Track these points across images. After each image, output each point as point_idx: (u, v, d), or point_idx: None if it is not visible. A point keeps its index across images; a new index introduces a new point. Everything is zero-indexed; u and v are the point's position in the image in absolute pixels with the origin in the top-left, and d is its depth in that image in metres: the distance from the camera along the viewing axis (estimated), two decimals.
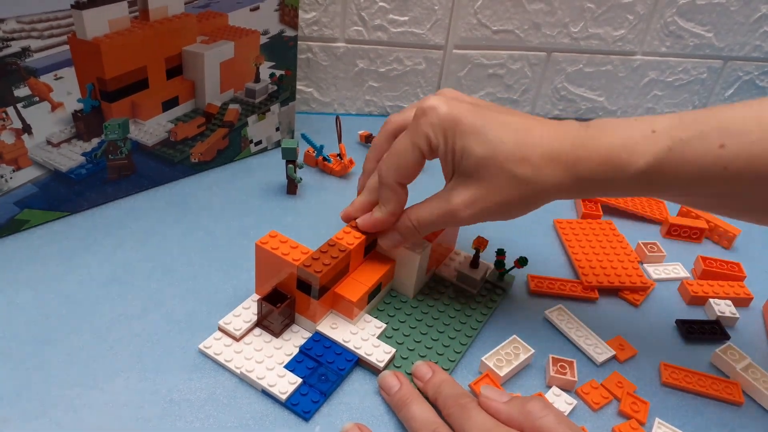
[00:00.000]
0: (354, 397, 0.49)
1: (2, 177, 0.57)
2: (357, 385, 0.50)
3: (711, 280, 0.66)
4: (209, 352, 0.50)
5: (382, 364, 0.50)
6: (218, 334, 0.52)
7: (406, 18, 0.84)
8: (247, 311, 0.53)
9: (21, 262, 0.57)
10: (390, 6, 0.83)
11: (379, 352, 0.51)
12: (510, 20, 0.86)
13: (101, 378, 0.47)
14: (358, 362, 0.51)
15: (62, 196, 0.62)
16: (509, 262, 0.61)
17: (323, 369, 0.50)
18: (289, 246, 0.51)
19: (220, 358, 0.50)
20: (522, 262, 0.59)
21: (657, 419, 0.50)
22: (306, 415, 0.46)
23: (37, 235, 0.61)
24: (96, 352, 0.49)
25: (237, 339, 0.51)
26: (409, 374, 0.50)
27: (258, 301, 0.52)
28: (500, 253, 0.60)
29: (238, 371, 0.49)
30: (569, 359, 0.53)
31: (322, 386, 0.48)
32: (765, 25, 0.94)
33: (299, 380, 0.48)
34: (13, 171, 0.58)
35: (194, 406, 0.46)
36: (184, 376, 0.49)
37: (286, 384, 0.48)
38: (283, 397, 0.47)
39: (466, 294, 0.59)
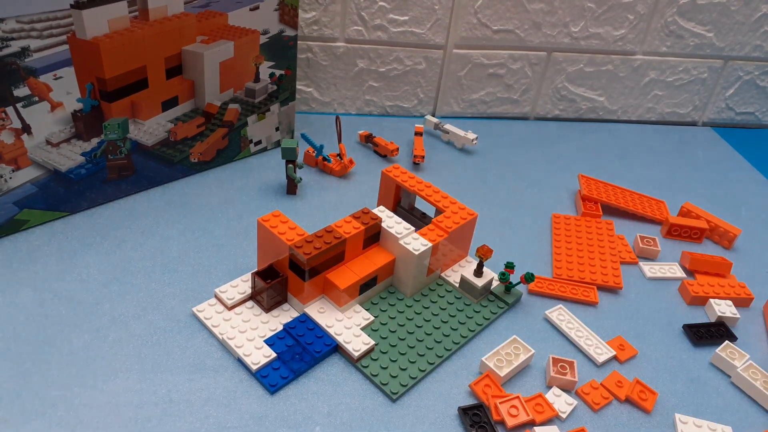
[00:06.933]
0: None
1: (2, 177, 0.57)
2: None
3: (701, 268, 0.67)
4: (201, 315, 0.53)
5: (357, 354, 0.51)
6: (213, 300, 0.54)
7: (406, 18, 0.84)
8: (244, 284, 0.55)
9: (21, 262, 0.57)
10: (390, 6, 0.82)
11: (357, 342, 0.51)
12: (510, 20, 0.86)
13: (101, 378, 0.47)
14: (337, 349, 0.52)
15: (62, 196, 0.62)
16: (515, 272, 0.60)
17: (300, 348, 0.51)
18: (287, 227, 0.52)
19: (209, 323, 0.52)
20: (528, 278, 0.59)
21: (677, 415, 0.50)
22: (271, 389, 0.48)
23: (36, 235, 0.61)
24: (96, 352, 0.49)
25: (228, 308, 0.53)
26: (385, 368, 0.51)
27: (252, 275, 0.53)
28: (509, 266, 0.59)
29: (220, 337, 0.51)
30: (569, 359, 0.53)
31: (295, 365, 0.50)
32: (765, 24, 0.94)
33: (274, 355, 0.50)
34: (13, 171, 0.58)
35: (194, 406, 0.46)
36: (184, 376, 0.48)
37: (260, 356, 0.50)
38: (254, 367, 0.49)
39: (465, 301, 0.59)
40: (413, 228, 0.57)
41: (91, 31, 0.56)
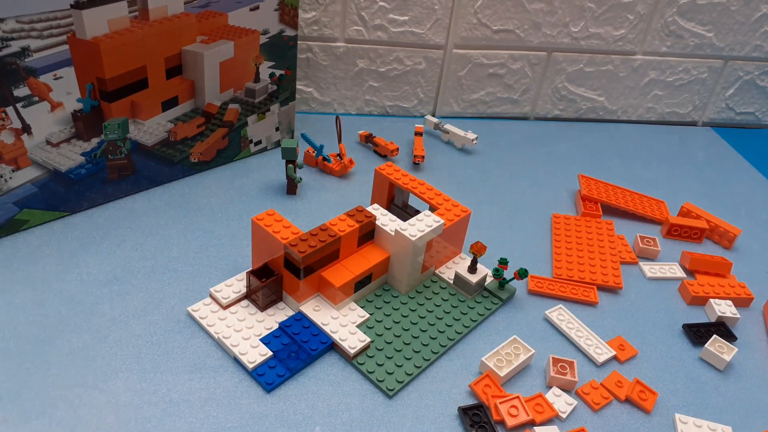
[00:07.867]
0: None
1: (2, 177, 0.57)
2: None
3: (701, 268, 0.67)
4: (196, 315, 0.53)
5: (353, 351, 0.51)
6: (208, 300, 0.54)
7: (406, 18, 0.84)
8: (239, 283, 0.55)
9: (21, 262, 0.57)
10: (390, 6, 0.82)
11: (353, 339, 0.52)
12: (510, 20, 0.86)
13: (101, 378, 0.47)
14: (333, 347, 0.52)
15: (62, 196, 0.62)
16: (510, 269, 0.60)
17: (296, 347, 0.51)
18: (282, 225, 0.52)
19: (204, 322, 0.52)
20: (522, 274, 0.59)
21: (677, 415, 0.50)
22: (268, 387, 0.48)
23: (36, 235, 0.61)
24: (96, 352, 0.49)
25: (224, 307, 0.53)
26: (381, 365, 0.51)
27: (247, 274, 0.54)
28: (502, 262, 0.59)
29: (216, 336, 0.51)
30: (569, 359, 0.53)
31: (291, 363, 0.50)
32: (765, 24, 0.94)
33: (270, 353, 0.50)
34: (13, 171, 0.58)
35: (194, 406, 0.46)
36: (184, 376, 0.48)
37: (256, 354, 0.50)
38: (251, 366, 0.49)
39: (460, 298, 0.59)
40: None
41: (91, 31, 0.56)
